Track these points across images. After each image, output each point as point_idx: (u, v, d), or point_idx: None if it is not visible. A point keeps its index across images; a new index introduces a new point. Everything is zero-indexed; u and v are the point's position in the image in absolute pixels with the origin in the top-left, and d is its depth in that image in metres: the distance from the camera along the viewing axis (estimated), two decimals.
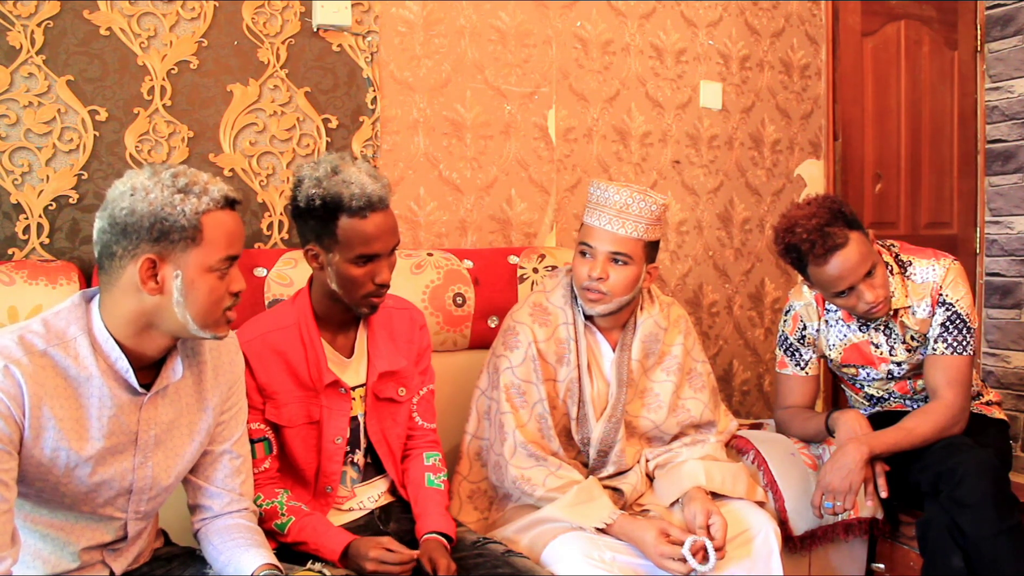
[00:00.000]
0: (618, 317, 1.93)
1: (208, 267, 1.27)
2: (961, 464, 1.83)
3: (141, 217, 1.23)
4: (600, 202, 1.84)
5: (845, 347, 2.13)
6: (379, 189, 1.58)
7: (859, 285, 1.94)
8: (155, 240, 1.24)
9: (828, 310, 2.14)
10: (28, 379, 1.21)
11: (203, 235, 1.26)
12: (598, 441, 1.89)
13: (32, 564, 1.31)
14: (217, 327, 1.32)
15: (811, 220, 1.91)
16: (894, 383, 2.15)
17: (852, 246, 1.90)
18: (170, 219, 1.24)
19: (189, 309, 1.27)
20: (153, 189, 1.24)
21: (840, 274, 1.92)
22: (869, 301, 1.95)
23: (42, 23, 1.93)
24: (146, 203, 1.23)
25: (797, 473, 2.00)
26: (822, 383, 3.21)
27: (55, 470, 1.26)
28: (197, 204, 1.25)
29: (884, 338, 2.09)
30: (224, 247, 1.28)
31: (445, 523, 1.66)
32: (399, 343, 1.78)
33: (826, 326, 2.15)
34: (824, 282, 1.96)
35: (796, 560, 1.97)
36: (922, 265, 2.05)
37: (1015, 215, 3.35)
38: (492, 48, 2.52)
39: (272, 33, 2.19)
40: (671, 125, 2.86)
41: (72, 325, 1.28)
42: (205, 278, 1.27)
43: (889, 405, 2.20)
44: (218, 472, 1.47)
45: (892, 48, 3.30)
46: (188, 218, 1.24)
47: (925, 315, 2.04)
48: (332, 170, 1.57)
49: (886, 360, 2.10)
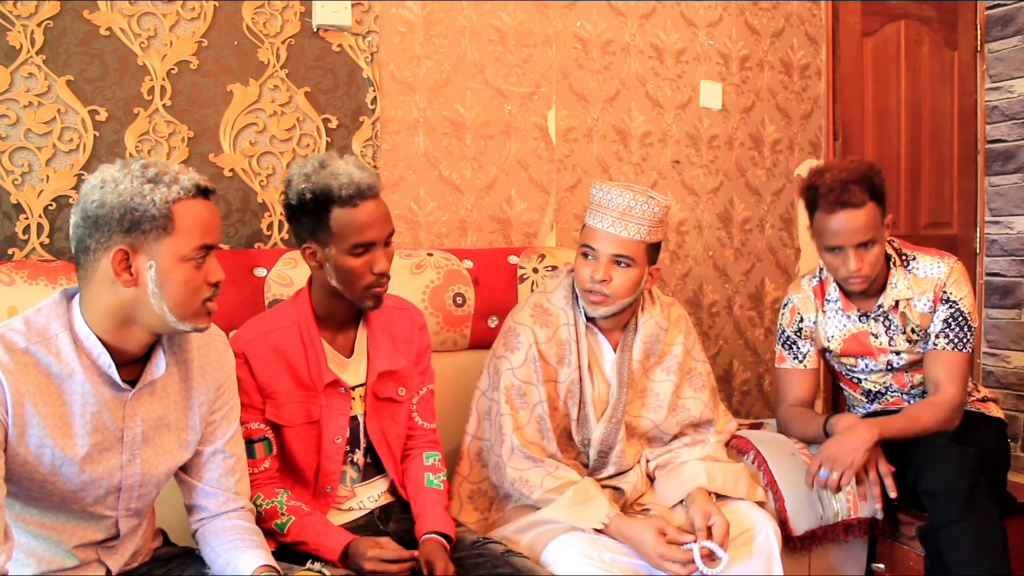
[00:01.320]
0: (620, 318, 1.93)
1: (182, 256, 1.27)
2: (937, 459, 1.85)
3: (111, 208, 1.23)
4: (602, 204, 1.84)
5: (845, 337, 2.14)
6: (367, 177, 1.59)
7: (850, 250, 1.98)
8: (127, 231, 1.23)
9: (828, 300, 2.16)
10: (9, 377, 1.21)
11: (175, 224, 1.25)
12: (598, 442, 1.89)
13: (27, 562, 1.31)
14: (196, 318, 1.31)
15: (842, 172, 1.97)
16: (892, 375, 2.16)
17: (863, 212, 1.95)
18: (140, 208, 1.23)
19: (166, 300, 1.27)
20: (123, 180, 1.24)
21: (839, 230, 1.97)
22: (851, 269, 1.99)
23: (42, 23, 1.93)
24: (115, 194, 1.23)
25: (797, 473, 2.00)
26: (822, 383, 3.21)
27: (41, 468, 1.26)
28: (167, 193, 1.24)
29: (883, 329, 2.10)
30: (198, 236, 1.27)
31: (444, 523, 1.66)
32: (399, 343, 1.78)
33: (824, 317, 2.16)
34: (823, 231, 2.01)
35: (796, 560, 1.97)
36: (926, 261, 2.08)
37: (1015, 215, 3.35)
38: (492, 48, 2.52)
39: (272, 33, 2.19)
40: (671, 125, 2.86)
41: (53, 322, 1.28)
42: (180, 267, 1.27)
43: (886, 400, 2.20)
44: (212, 472, 1.47)
45: (892, 48, 3.30)
46: (158, 207, 1.24)
47: (926, 309, 2.06)
48: (320, 165, 1.60)
49: (885, 351, 2.11)
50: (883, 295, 2.08)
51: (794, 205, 3.15)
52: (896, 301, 2.07)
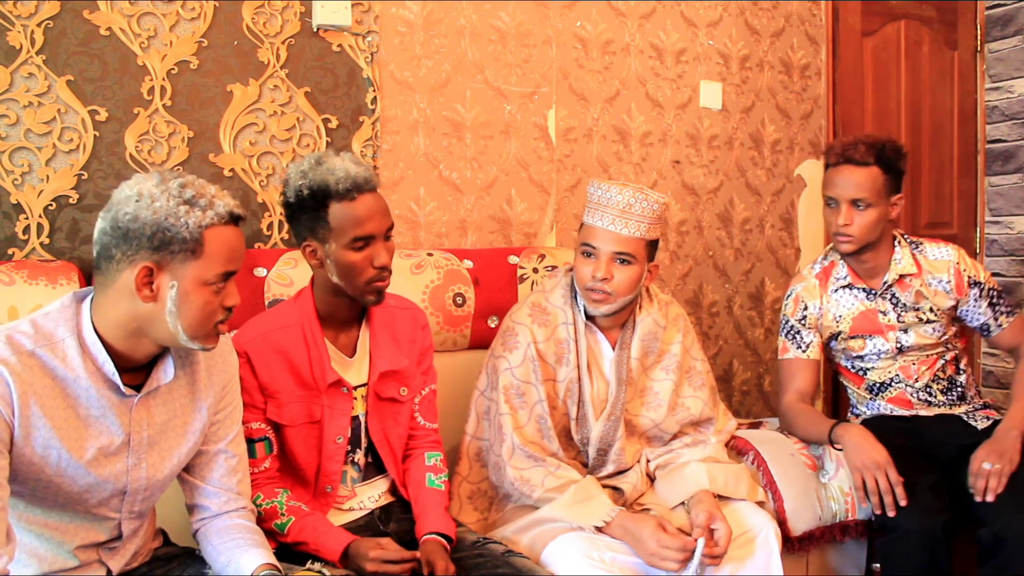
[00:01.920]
0: (618, 316, 1.93)
1: (205, 281, 1.27)
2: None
3: (144, 224, 1.23)
4: (602, 202, 1.84)
5: (854, 316, 2.17)
6: (363, 171, 1.60)
7: (843, 204, 2.07)
8: (155, 249, 1.24)
9: (836, 278, 2.19)
10: (16, 378, 1.21)
11: (204, 249, 1.26)
12: (597, 439, 1.89)
13: (28, 562, 1.31)
14: (207, 339, 1.32)
15: (866, 136, 2.10)
16: (899, 362, 2.16)
17: (864, 170, 2.05)
18: (172, 230, 1.23)
19: (181, 320, 1.27)
20: (159, 197, 1.24)
21: (836, 182, 2.08)
22: (840, 224, 2.07)
23: (42, 23, 1.93)
24: (150, 211, 1.23)
25: (796, 474, 2.00)
26: (822, 384, 3.22)
27: (47, 469, 1.26)
28: (201, 217, 1.25)
29: (891, 306, 2.14)
30: (223, 262, 1.28)
31: (445, 524, 1.66)
32: (401, 343, 1.78)
33: (831, 299, 2.19)
34: (825, 182, 2.14)
35: (795, 560, 1.97)
36: (932, 246, 2.18)
37: (1015, 215, 3.35)
38: (492, 48, 2.52)
39: (272, 33, 2.19)
40: (671, 125, 2.86)
41: (61, 327, 1.28)
42: (200, 291, 1.27)
43: (889, 395, 2.20)
44: (214, 472, 1.48)
45: (892, 48, 3.30)
46: (191, 231, 1.24)
47: (945, 289, 2.13)
48: (316, 162, 1.61)
49: (893, 327, 2.14)
50: (888, 272, 2.13)
51: (794, 205, 3.15)
52: (900, 276, 2.12)
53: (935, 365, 2.17)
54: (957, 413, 2.17)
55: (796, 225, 3.15)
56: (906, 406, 2.18)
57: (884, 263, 2.14)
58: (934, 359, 2.17)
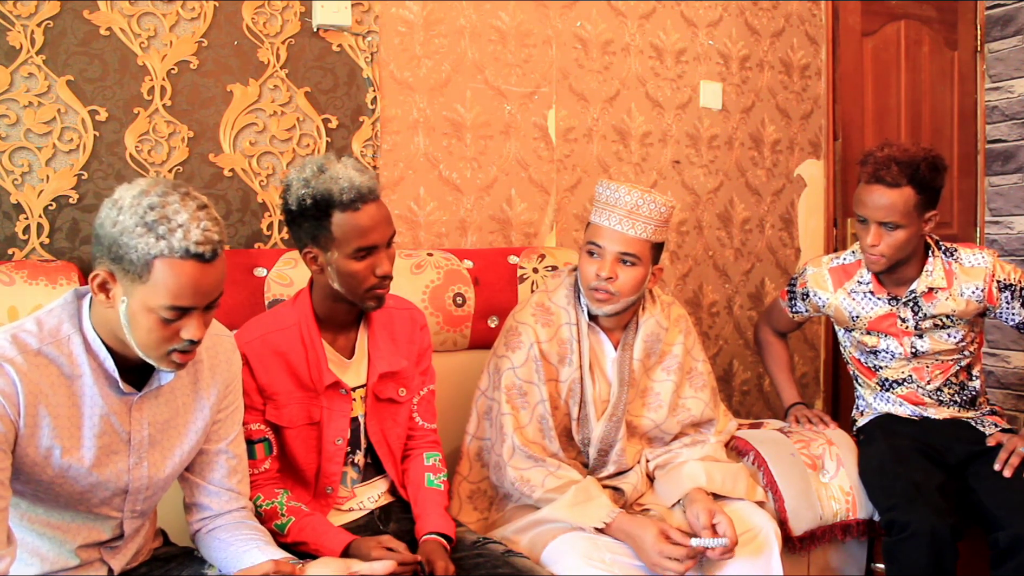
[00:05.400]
0: (621, 317, 1.93)
1: (150, 308, 1.21)
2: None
3: (106, 234, 1.21)
4: (610, 202, 1.84)
5: (871, 319, 2.16)
6: (368, 181, 1.58)
7: (873, 224, 2.01)
8: (112, 260, 1.22)
9: (860, 282, 2.16)
10: (23, 378, 1.21)
11: (150, 277, 1.20)
12: (598, 440, 1.89)
13: (30, 562, 1.32)
14: (160, 362, 1.27)
15: (896, 150, 2.00)
16: (913, 364, 2.16)
17: (895, 192, 1.97)
18: (124, 248, 1.19)
19: (132, 336, 1.25)
20: (126, 211, 1.20)
21: (867, 202, 2.01)
22: (869, 244, 2.03)
23: (42, 23, 1.93)
24: (112, 223, 1.21)
25: (797, 473, 2.00)
26: (822, 384, 3.22)
27: (49, 469, 1.26)
28: (152, 245, 1.18)
29: (911, 313, 2.12)
30: (169, 297, 1.20)
31: (444, 524, 1.66)
32: (400, 343, 1.77)
33: (848, 297, 2.18)
34: (857, 200, 2.06)
35: (795, 560, 1.97)
36: (968, 252, 2.12)
37: (1015, 215, 3.36)
38: (492, 48, 2.52)
39: (272, 33, 2.19)
40: (671, 125, 2.86)
41: (65, 323, 1.28)
42: (146, 316, 1.22)
43: (901, 392, 2.20)
44: (216, 471, 1.48)
45: (892, 48, 3.30)
46: (139, 255, 1.19)
47: (974, 297, 2.08)
48: (319, 169, 1.58)
49: (909, 333, 2.12)
50: (918, 281, 2.09)
51: (794, 205, 3.15)
52: (929, 288, 2.08)
53: (949, 371, 2.16)
54: (965, 418, 2.17)
55: (796, 225, 3.15)
56: (917, 403, 2.18)
57: (914, 273, 2.10)
58: (949, 365, 2.16)
